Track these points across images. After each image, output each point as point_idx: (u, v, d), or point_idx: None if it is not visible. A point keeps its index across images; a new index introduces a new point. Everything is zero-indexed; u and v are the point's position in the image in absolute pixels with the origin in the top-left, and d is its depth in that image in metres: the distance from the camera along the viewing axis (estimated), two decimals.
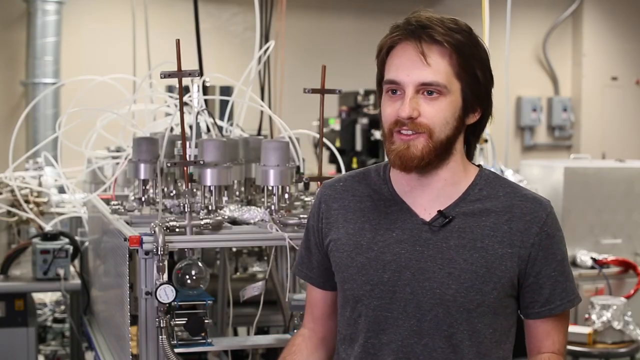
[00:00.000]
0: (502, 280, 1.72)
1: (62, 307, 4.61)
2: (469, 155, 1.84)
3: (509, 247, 1.73)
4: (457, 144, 1.77)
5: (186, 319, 2.33)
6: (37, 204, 3.95)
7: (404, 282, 1.74)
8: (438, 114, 1.70)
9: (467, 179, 1.80)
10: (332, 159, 5.79)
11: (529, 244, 1.73)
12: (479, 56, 1.74)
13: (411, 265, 1.74)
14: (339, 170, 3.26)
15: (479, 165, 1.85)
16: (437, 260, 1.73)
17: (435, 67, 1.69)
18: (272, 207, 2.56)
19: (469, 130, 1.80)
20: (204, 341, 2.36)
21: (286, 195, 2.65)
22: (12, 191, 3.89)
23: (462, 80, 1.72)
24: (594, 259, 4.49)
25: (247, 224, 2.56)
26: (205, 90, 4.31)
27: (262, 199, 2.62)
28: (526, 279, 1.75)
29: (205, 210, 2.59)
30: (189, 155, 2.52)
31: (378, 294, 1.76)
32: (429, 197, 1.78)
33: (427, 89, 1.70)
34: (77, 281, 3.66)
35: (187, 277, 2.43)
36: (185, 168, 2.48)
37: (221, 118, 3.52)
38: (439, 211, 1.75)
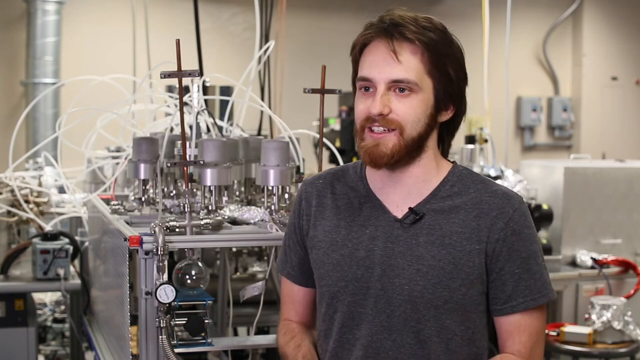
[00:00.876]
0: (471, 276, 1.73)
1: (62, 307, 4.61)
2: (445, 152, 1.86)
3: (476, 243, 1.73)
4: (430, 141, 1.79)
5: (186, 319, 2.33)
6: (37, 204, 3.95)
7: (375, 278, 1.76)
8: (409, 110, 1.72)
9: (439, 175, 1.81)
10: (332, 159, 5.79)
11: (493, 239, 1.73)
12: (452, 54, 1.75)
13: (382, 262, 1.76)
14: None
15: (453, 162, 1.86)
16: (407, 257, 1.74)
17: (407, 64, 1.71)
18: (272, 207, 2.56)
19: (443, 128, 1.82)
20: (204, 341, 2.36)
21: (286, 195, 2.65)
22: (12, 191, 3.88)
23: (434, 78, 1.73)
24: (594, 259, 4.48)
25: (247, 224, 2.56)
26: (205, 90, 4.31)
27: (262, 199, 2.62)
28: (490, 275, 1.75)
29: (205, 210, 2.59)
30: (189, 155, 2.52)
31: (352, 290, 1.78)
32: (401, 193, 1.79)
33: (399, 86, 1.72)
34: (77, 281, 3.65)
35: (187, 277, 2.43)
36: (185, 168, 2.48)
37: (221, 118, 3.52)
38: (410, 208, 1.77)
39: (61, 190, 4.17)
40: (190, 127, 2.83)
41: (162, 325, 2.23)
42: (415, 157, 1.77)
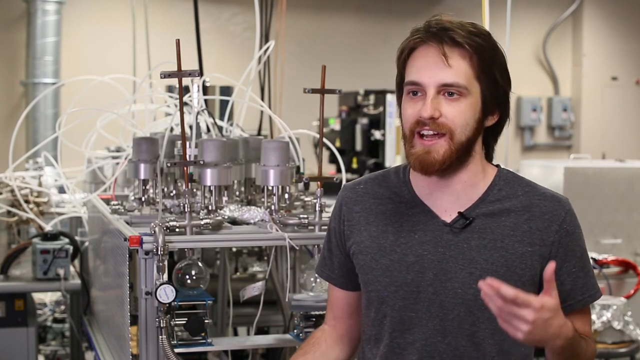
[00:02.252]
0: (523, 278, 1.75)
1: (62, 307, 4.61)
2: (489, 156, 1.87)
3: (529, 245, 1.76)
4: (477, 146, 1.80)
5: (186, 319, 2.33)
6: (37, 204, 3.95)
7: (427, 282, 1.77)
8: (459, 114, 1.73)
9: (486, 179, 1.83)
10: (332, 159, 5.79)
11: (549, 242, 1.76)
12: (498, 59, 1.77)
13: (433, 266, 1.77)
14: (339, 170, 3.26)
15: (497, 165, 1.88)
16: (459, 261, 1.76)
17: (457, 68, 1.72)
18: (272, 207, 2.56)
19: (488, 133, 1.84)
20: (204, 341, 2.36)
21: (286, 195, 2.65)
22: (12, 191, 3.89)
23: (481, 82, 1.75)
24: (594, 259, 4.48)
25: (247, 224, 2.56)
26: (205, 90, 4.31)
27: (262, 199, 2.62)
28: None
29: (205, 210, 2.59)
30: (189, 155, 2.52)
31: (402, 294, 1.79)
32: (449, 198, 1.80)
33: (448, 90, 1.72)
34: (77, 281, 3.66)
35: (187, 277, 2.43)
36: (185, 168, 2.48)
37: (221, 118, 3.52)
38: (460, 213, 1.78)
39: (61, 190, 4.17)
40: (190, 127, 2.83)
41: (162, 325, 2.23)
42: (463, 163, 1.78)
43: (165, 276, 2.25)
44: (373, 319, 1.85)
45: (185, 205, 2.37)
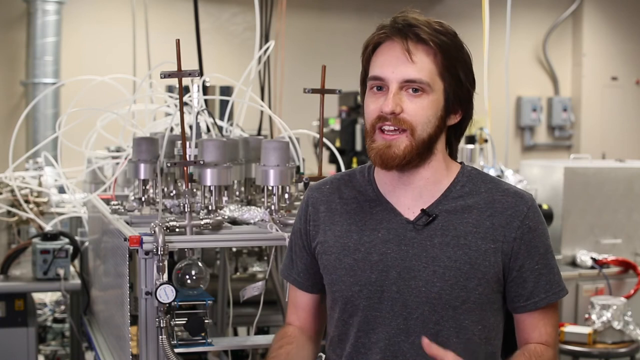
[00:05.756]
0: (487, 276, 1.74)
1: (62, 307, 4.61)
2: (452, 156, 1.86)
3: (491, 242, 1.74)
4: (439, 144, 1.79)
5: (186, 319, 2.33)
6: (37, 204, 3.95)
7: (390, 281, 1.76)
8: (420, 111, 1.72)
9: (449, 176, 1.82)
10: (332, 159, 5.79)
11: (511, 238, 1.75)
12: (462, 59, 1.76)
13: (397, 265, 1.76)
14: (339, 170, 3.26)
15: (461, 163, 1.87)
16: (422, 258, 1.75)
17: (420, 64, 1.72)
18: (272, 207, 2.57)
19: (451, 132, 1.83)
20: (204, 341, 2.36)
21: (286, 195, 2.65)
22: (12, 191, 3.88)
23: (445, 80, 1.74)
24: (594, 259, 4.48)
25: (247, 224, 2.56)
26: (205, 90, 4.31)
27: (262, 199, 2.62)
28: (510, 273, 1.77)
29: (205, 210, 2.59)
30: (189, 155, 2.52)
31: (367, 294, 1.78)
32: (412, 196, 1.80)
33: (411, 86, 1.72)
34: (77, 281, 3.66)
35: (187, 277, 2.43)
36: (185, 168, 2.48)
37: (221, 118, 3.52)
38: (422, 210, 1.77)
39: (61, 190, 4.17)
40: (190, 127, 2.84)
41: (162, 325, 2.23)
42: (425, 159, 1.77)
43: (165, 276, 2.25)
44: (337, 319, 1.84)
45: (185, 205, 2.38)
